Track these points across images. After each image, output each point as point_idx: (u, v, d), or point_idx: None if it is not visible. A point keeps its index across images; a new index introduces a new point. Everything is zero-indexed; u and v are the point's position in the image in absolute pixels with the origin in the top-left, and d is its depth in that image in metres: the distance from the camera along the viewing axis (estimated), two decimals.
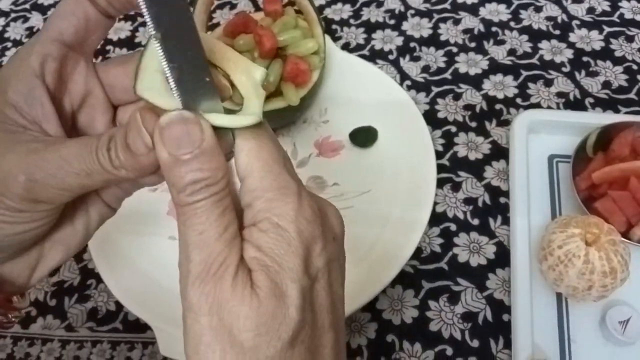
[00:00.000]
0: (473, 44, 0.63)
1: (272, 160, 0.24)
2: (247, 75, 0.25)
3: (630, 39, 0.62)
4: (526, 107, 0.57)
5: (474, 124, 0.57)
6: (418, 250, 0.49)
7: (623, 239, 0.43)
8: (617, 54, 0.61)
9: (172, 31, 0.22)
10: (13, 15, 0.74)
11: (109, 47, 0.69)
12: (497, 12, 0.65)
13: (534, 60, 0.61)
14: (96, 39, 0.26)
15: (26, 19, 0.73)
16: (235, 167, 0.24)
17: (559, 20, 0.64)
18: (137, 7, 0.21)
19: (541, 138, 0.54)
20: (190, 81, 0.23)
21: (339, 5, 0.68)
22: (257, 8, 0.70)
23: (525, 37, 0.63)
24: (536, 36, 0.63)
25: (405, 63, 0.62)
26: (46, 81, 0.24)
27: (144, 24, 0.70)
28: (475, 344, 0.46)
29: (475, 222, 0.51)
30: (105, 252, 0.50)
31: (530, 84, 0.59)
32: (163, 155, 0.22)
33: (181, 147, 0.22)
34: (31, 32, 0.72)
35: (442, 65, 0.62)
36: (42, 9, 0.74)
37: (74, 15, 0.25)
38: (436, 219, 0.52)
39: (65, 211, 0.27)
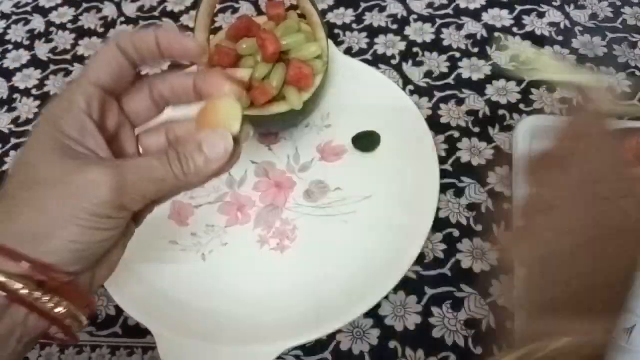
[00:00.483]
0: (476, 49, 0.63)
1: None
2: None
3: (633, 45, 0.62)
4: (529, 113, 0.57)
5: (477, 130, 0.57)
6: (421, 256, 0.49)
7: None
8: (620, 60, 0.60)
9: None
10: (14, 17, 0.74)
11: None
12: (500, 18, 0.65)
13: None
14: (124, 84, 0.31)
15: (27, 22, 0.73)
16: None
17: (562, 26, 0.64)
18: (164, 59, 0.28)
19: (545, 144, 0.54)
20: None
21: (342, 9, 0.68)
22: (260, 12, 0.70)
23: (528, 42, 0.63)
24: (539, 42, 0.63)
25: (408, 68, 0.62)
26: (93, 117, 0.29)
27: None
28: (478, 350, 0.45)
29: (479, 228, 0.51)
30: None
31: (533, 90, 0.59)
32: None
33: None
34: (32, 34, 0.72)
35: (445, 70, 0.61)
36: (44, 12, 0.74)
37: (110, 65, 0.29)
38: (439, 224, 0.51)
39: None
